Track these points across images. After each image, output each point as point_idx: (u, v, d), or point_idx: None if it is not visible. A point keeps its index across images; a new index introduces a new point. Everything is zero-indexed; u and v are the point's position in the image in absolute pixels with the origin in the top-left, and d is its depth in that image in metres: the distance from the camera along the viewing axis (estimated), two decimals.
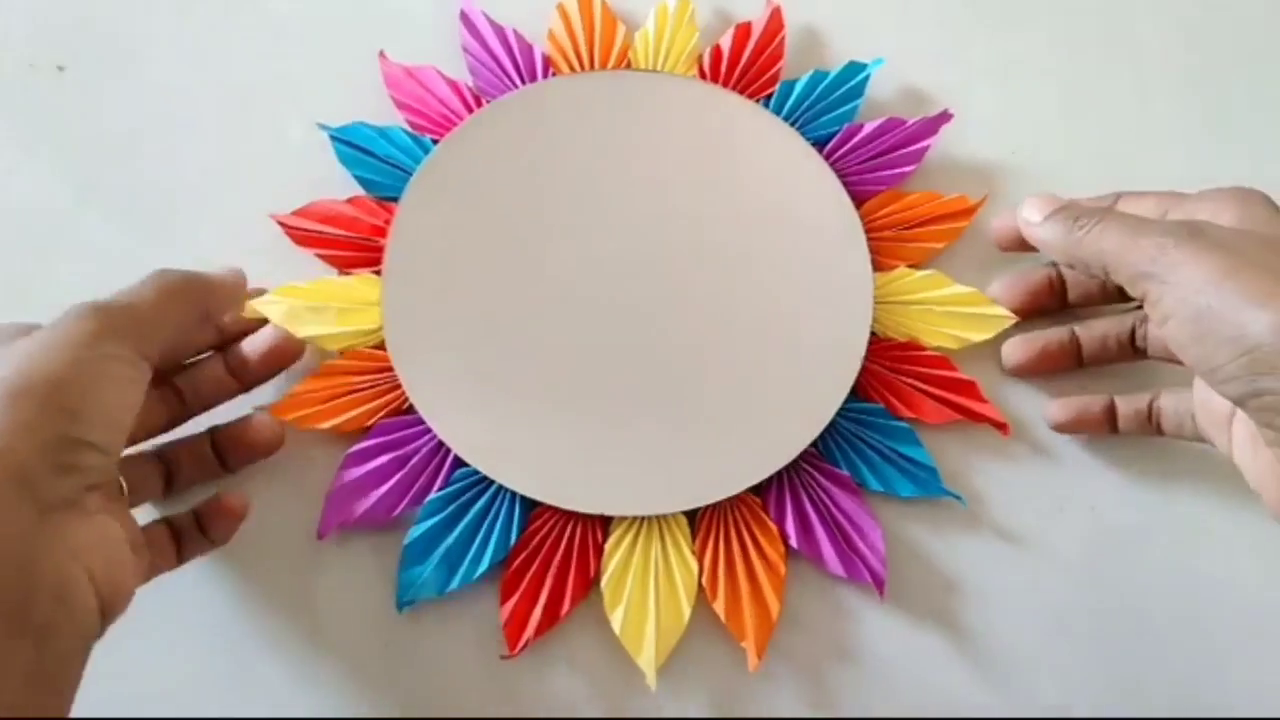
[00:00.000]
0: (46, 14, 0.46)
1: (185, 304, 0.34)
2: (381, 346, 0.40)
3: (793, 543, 0.38)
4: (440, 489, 0.38)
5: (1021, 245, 0.39)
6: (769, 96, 0.45)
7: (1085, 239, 0.35)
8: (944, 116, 0.45)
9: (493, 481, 0.38)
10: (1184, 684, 0.39)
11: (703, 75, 0.45)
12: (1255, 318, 0.30)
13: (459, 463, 0.38)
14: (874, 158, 0.44)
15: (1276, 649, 0.40)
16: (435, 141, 0.43)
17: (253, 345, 0.38)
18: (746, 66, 0.45)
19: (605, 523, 0.38)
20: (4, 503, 0.25)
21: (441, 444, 0.39)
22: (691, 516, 0.39)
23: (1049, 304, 0.42)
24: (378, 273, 0.41)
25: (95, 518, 0.28)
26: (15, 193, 0.43)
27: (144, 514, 0.37)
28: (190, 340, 0.37)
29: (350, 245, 0.41)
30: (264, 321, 0.39)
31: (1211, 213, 0.35)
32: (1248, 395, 0.31)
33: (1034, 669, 0.39)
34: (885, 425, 0.40)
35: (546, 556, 0.38)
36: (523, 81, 0.45)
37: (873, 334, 0.41)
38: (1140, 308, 0.41)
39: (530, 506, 0.38)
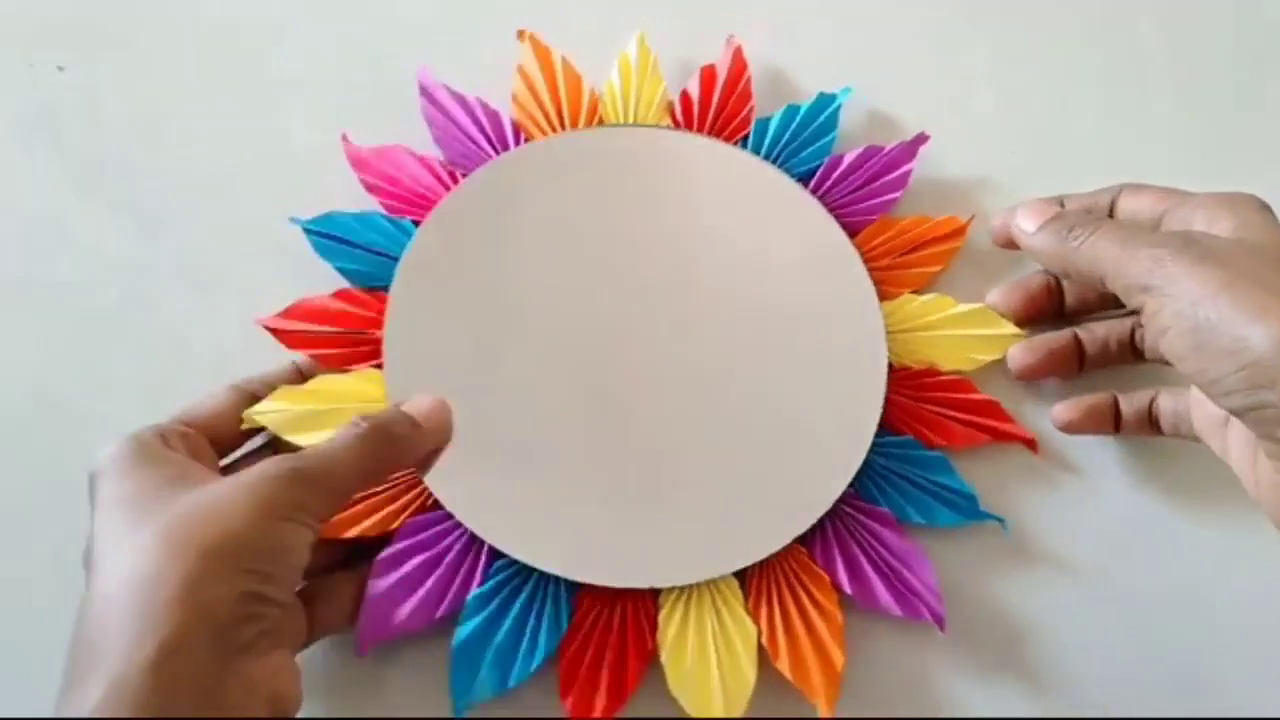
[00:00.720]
0: (46, 14, 0.46)
1: (385, 465, 0.34)
2: None
3: (845, 589, 0.37)
4: (480, 585, 0.36)
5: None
6: (745, 137, 0.45)
7: (1080, 249, 0.35)
8: (921, 138, 0.45)
9: (534, 569, 0.37)
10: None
11: (675, 123, 0.45)
12: (1252, 332, 0.30)
13: (495, 554, 0.37)
14: (859, 188, 0.44)
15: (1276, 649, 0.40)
16: (415, 223, 0.42)
17: None
18: (719, 110, 0.45)
19: (654, 595, 0.37)
20: (201, 647, 0.28)
21: (474, 538, 0.37)
22: (740, 577, 0.38)
23: (1047, 310, 0.42)
24: (377, 366, 0.39)
25: (268, 655, 0.30)
26: (15, 192, 0.42)
27: None
28: None
29: (343, 342, 0.40)
30: None
31: (1207, 219, 0.35)
32: (1247, 408, 0.31)
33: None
34: (918, 456, 0.40)
35: (600, 640, 0.36)
36: (494, 150, 0.43)
37: (889, 364, 0.41)
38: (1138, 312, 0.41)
39: (575, 588, 0.37)
